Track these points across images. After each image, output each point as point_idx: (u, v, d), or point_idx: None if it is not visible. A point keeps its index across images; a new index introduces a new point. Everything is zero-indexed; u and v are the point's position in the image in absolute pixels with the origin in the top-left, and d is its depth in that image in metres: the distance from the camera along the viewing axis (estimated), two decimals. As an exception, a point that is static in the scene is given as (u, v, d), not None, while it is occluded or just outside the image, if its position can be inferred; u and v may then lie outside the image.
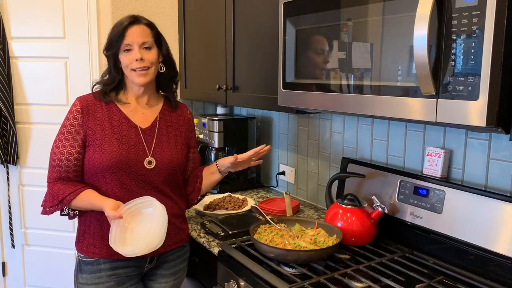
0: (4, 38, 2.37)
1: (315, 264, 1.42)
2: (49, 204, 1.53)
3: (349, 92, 1.34)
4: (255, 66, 1.94)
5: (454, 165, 1.53)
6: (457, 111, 1.04)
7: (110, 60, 1.55)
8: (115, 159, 1.49)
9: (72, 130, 1.51)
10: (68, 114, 1.54)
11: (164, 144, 1.59)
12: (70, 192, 1.49)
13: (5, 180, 2.53)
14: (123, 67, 1.53)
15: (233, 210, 2.01)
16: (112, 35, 1.51)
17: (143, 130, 1.57)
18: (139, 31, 1.50)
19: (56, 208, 1.52)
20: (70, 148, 1.51)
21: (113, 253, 1.49)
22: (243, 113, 2.66)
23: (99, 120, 1.53)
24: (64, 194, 1.49)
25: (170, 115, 1.65)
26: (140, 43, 1.49)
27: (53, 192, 1.52)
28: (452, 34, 1.03)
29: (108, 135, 1.51)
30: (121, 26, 1.49)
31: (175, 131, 1.64)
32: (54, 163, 1.52)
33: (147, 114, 1.60)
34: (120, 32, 1.49)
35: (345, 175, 1.80)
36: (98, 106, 1.54)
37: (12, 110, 2.42)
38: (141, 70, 1.50)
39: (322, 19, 1.41)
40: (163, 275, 1.66)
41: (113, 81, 1.56)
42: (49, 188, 1.54)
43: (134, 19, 1.51)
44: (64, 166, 1.52)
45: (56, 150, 1.52)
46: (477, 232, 1.36)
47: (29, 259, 2.62)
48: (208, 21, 2.28)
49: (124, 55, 1.50)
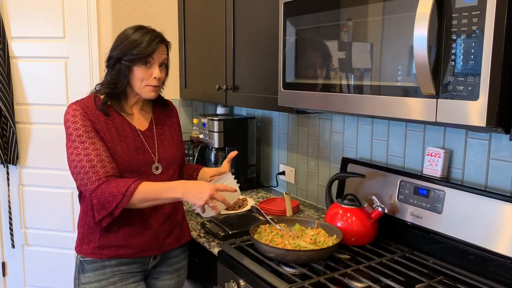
0: (4, 38, 2.37)
1: (315, 264, 1.42)
2: (111, 206, 1.38)
3: (349, 92, 1.34)
4: (255, 66, 1.94)
5: (454, 165, 1.53)
6: (457, 111, 1.04)
7: (121, 68, 1.48)
8: (127, 161, 1.48)
9: (89, 130, 1.44)
10: (73, 119, 1.45)
11: (165, 144, 1.61)
12: (131, 182, 1.38)
13: (5, 180, 2.53)
14: (136, 79, 1.48)
15: (233, 210, 2.01)
16: (139, 49, 1.45)
17: (143, 132, 1.57)
18: (162, 50, 1.52)
19: (121, 206, 1.37)
20: (93, 146, 1.42)
21: (121, 253, 1.51)
22: (243, 113, 2.66)
23: (104, 124, 1.48)
24: (126, 184, 1.38)
25: (162, 114, 1.68)
26: (160, 62, 1.51)
27: (110, 190, 1.37)
28: (452, 34, 1.03)
29: (115, 138, 1.48)
30: (153, 42, 1.47)
31: (170, 128, 1.67)
32: (85, 167, 1.39)
33: (142, 118, 1.61)
34: (151, 48, 1.46)
35: (345, 175, 1.80)
36: (96, 110, 1.49)
37: (12, 110, 2.42)
38: (154, 87, 1.51)
39: (322, 19, 1.41)
40: (167, 272, 1.68)
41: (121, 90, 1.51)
42: (101, 190, 1.38)
43: (162, 39, 1.52)
44: (97, 163, 1.39)
45: (78, 157, 1.40)
46: (477, 232, 1.36)
47: (29, 259, 2.62)
48: (208, 21, 2.28)
49: (142, 69, 1.47)
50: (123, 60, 1.47)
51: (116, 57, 1.48)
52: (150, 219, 1.55)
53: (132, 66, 1.47)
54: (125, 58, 1.46)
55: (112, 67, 1.51)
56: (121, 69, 1.48)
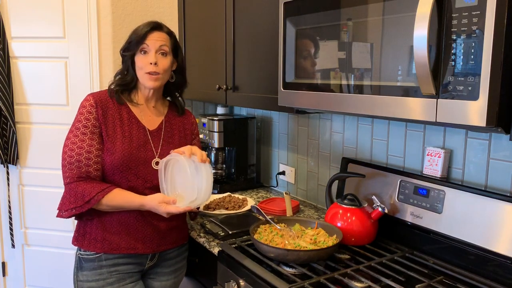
0: (4, 38, 2.37)
1: (315, 264, 1.42)
2: (70, 205, 1.46)
3: (349, 92, 1.34)
4: (255, 66, 1.94)
5: (454, 165, 1.53)
6: (457, 111, 1.04)
7: (126, 61, 1.58)
8: (126, 158, 1.50)
9: (89, 124, 1.50)
10: (81, 109, 1.52)
11: (170, 146, 1.62)
12: (98, 191, 1.44)
13: (5, 180, 2.53)
14: (137, 68, 1.56)
15: (233, 210, 2.01)
16: (133, 37, 1.54)
17: (151, 131, 1.60)
18: (159, 37, 1.55)
19: (78, 210, 1.45)
20: (90, 141, 1.49)
21: (114, 247, 1.53)
22: (243, 113, 2.66)
23: (111, 118, 1.54)
24: (91, 193, 1.43)
25: (174, 119, 1.69)
26: (157, 47, 1.53)
27: (77, 192, 1.45)
28: (452, 34, 1.03)
29: (119, 133, 1.53)
30: (144, 29, 1.53)
31: (179, 133, 1.68)
32: (72, 159, 1.47)
33: (153, 117, 1.64)
34: (142, 35, 1.52)
35: (345, 175, 1.80)
36: (110, 103, 1.56)
37: (12, 110, 2.42)
38: (153, 74, 1.53)
39: (322, 19, 1.41)
40: (164, 273, 1.68)
41: (132, 81, 1.59)
42: (71, 188, 1.47)
43: (157, 25, 1.57)
44: (84, 161, 1.47)
45: (73, 146, 1.48)
46: (477, 232, 1.36)
47: (29, 259, 2.62)
48: (208, 21, 2.28)
49: (140, 57, 1.54)
50: (125, 51, 1.57)
51: (122, 50, 1.59)
52: (147, 216, 1.55)
53: (132, 55, 1.55)
54: (125, 47, 1.57)
55: (123, 61, 1.62)
56: (126, 60, 1.58)
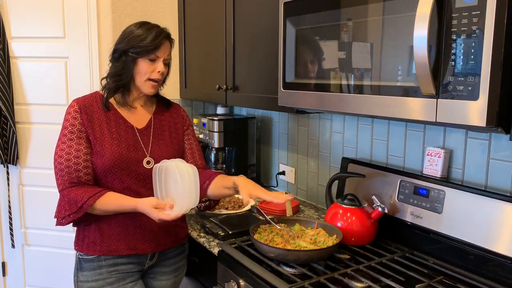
0: (4, 38, 2.37)
1: (315, 264, 1.42)
2: (66, 212, 1.46)
3: (349, 92, 1.34)
4: (255, 66, 1.94)
5: (454, 165, 1.53)
6: (457, 111, 1.04)
7: (128, 63, 1.51)
8: (116, 159, 1.50)
9: (75, 129, 1.50)
10: (67, 116, 1.53)
11: (161, 143, 1.61)
12: (89, 196, 1.44)
13: (5, 180, 2.53)
14: (139, 73, 1.52)
15: (233, 210, 2.01)
16: (146, 42, 1.49)
17: (139, 130, 1.59)
18: (167, 48, 1.56)
19: (74, 216, 1.45)
20: (77, 146, 1.49)
21: (114, 249, 1.53)
22: (243, 113, 2.66)
23: (97, 121, 1.53)
24: (82, 199, 1.43)
25: (163, 114, 1.68)
26: (165, 57, 1.55)
27: (69, 199, 1.45)
28: (452, 34, 1.03)
29: (106, 136, 1.52)
30: (159, 37, 1.51)
31: (170, 129, 1.67)
32: (62, 166, 1.47)
33: (142, 115, 1.62)
34: (158, 43, 1.51)
35: (345, 175, 1.80)
36: (95, 107, 1.55)
37: (12, 110, 2.42)
38: (156, 82, 1.55)
39: (322, 19, 1.41)
40: (164, 273, 1.67)
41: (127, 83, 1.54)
42: (64, 195, 1.47)
43: (168, 35, 1.56)
44: (73, 166, 1.47)
45: (62, 153, 1.48)
46: (477, 232, 1.36)
47: (29, 259, 2.62)
48: (208, 21, 2.28)
49: (146, 63, 1.51)
50: (130, 52, 1.50)
51: (122, 50, 1.52)
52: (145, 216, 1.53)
53: (137, 58, 1.51)
54: (132, 50, 1.50)
55: (117, 60, 1.55)
56: (126, 61, 1.52)
